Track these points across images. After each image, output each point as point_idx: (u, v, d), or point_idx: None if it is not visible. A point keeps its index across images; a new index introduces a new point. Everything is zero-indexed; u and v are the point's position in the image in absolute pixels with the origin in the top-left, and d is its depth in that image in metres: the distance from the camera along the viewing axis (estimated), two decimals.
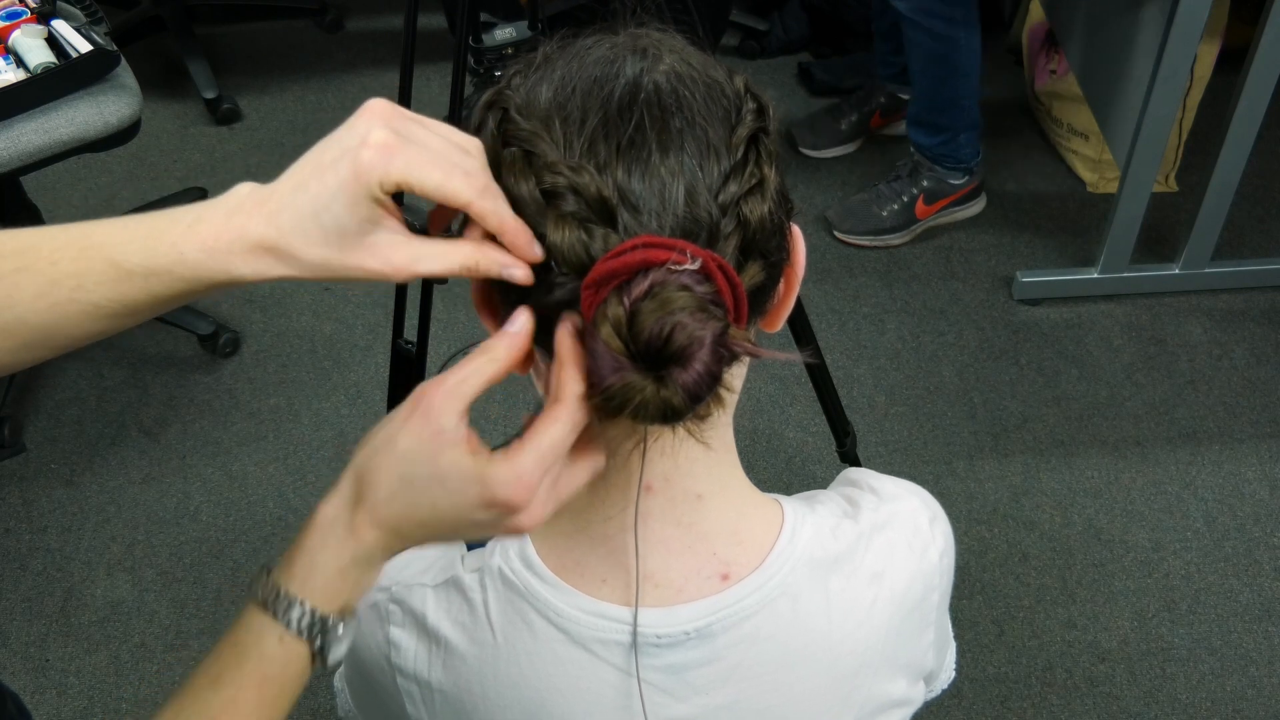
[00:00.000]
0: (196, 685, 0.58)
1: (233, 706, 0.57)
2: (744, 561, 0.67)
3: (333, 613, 0.58)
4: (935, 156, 2.26)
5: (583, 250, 0.56)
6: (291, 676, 0.58)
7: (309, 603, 0.58)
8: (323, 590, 0.58)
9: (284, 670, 0.58)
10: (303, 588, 0.58)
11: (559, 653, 0.67)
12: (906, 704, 0.76)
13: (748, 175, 0.59)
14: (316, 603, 0.58)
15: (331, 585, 0.58)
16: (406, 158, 0.53)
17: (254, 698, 0.57)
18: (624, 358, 0.54)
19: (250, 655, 0.57)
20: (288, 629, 0.57)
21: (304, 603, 0.57)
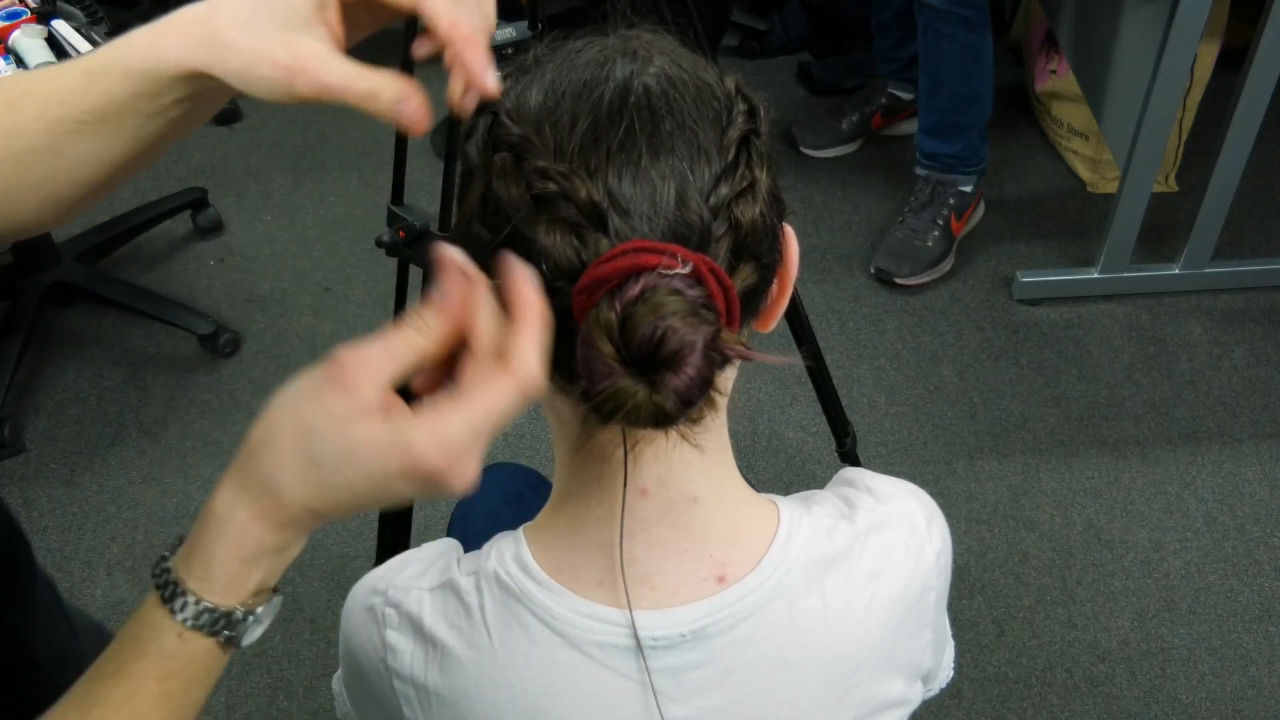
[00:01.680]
0: (103, 672, 0.55)
1: (132, 700, 0.54)
2: (740, 563, 0.67)
3: (239, 604, 0.55)
4: (951, 165, 2.25)
5: (574, 255, 0.56)
6: (201, 669, 0.56)
7: (206, 599, 0.54)
8: (224, 586, 0.54)
9: (188, 665, 0.55)
10: (200, 584, 0.54)
11: (555, 656, 0.67)
12: (904, 704, 0.76)
13: (739, 177, 0.59)
14: (217, 599, 0.54)
15: (234, 578, 0.54)
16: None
17: (155, 692, 0.54)
18: (616, 362, 0.54)
19: (149, 651, 0.54)
20: (186, 627, 0.54)
21: (199, 600, 0.54)
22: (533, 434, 2.00)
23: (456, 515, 1.27)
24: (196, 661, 0.55)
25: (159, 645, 0.54)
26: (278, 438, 0.52)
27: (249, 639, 0.56)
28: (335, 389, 0.50)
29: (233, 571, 0.54)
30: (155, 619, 0.54)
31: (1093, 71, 2.21)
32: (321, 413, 0.50)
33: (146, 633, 0.54)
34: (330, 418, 0.50)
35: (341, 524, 1.86)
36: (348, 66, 0.53)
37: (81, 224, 2.35)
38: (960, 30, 2.08)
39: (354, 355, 0.51)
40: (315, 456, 0.51)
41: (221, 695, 1.66)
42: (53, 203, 0.60)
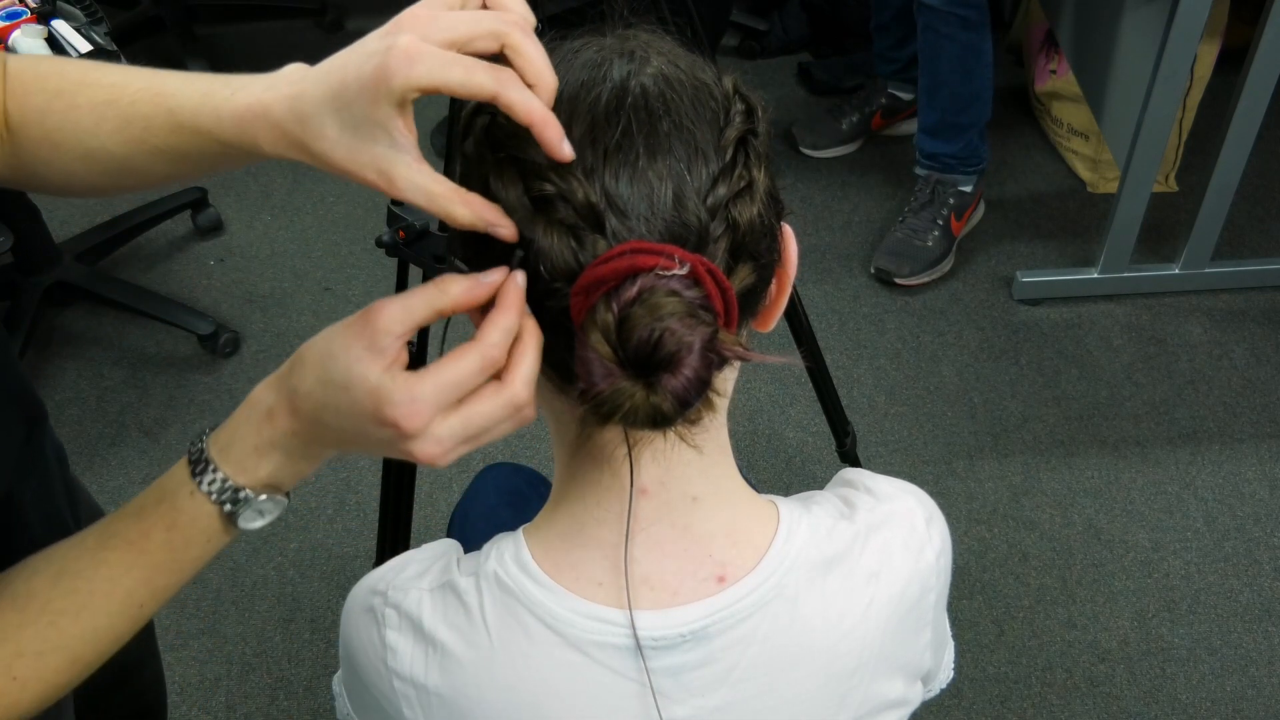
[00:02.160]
0: (128, 510, 0.63)
1: (143, 539, 0.62)
2: (740, 563, 0.67)
3: (247, 485, 0.61)
4: (951, 165, 2.25)
5: (572, 257, 0.56)
6: (200, 531, 0.62)
7: (221, 471, 0.61)
8: (237, 463, 0.61)
9: (192, 523, 0.62)
10: (220, 455, 0.61)
11: (555, 656, 0.66)
12: (904, 704, 0.76)
13: (736, 178, 0.59)
14: (229, 472, 0.61)
15: (246, 460, 0.61)
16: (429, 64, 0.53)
17: (162, 538, 0.62)
18: (613, 364, 0.54)
19: (166, 500, 0.62)
20: (198, 487, 0.61)
21: (216, 470, 0.61)
22: (533, 434, 2.00)
23: (456, 515, 1.27)
24: (198, 523, 0.62)
25: (174, 498, 0.62)
26: (310, 354, 0.58)
27: (246, 523, 0.63)
28: (360, 325, 0.56)
29: (246, 453, 0.61)
30: (178, 476, 0.62)
31: (1093, 71, 2.21)
32: (342, 343, 0.56)
33: (168, 485, 0.62)
34: (346, 350, 0.56)
35: (342, 524, 1.86)
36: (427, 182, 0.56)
37: (81, 224, 2.35)
38: (960, 30, 2.08)
39: (384, 304, 0.56)
40: (325, 377, 0.57)
41: (221, 695, 1.66)
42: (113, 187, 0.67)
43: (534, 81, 0.55)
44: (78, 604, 0.63)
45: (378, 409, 0.55)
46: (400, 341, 0.56)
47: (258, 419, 0.60)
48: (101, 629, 0.64)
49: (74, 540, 0.64)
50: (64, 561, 0.64)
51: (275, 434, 0.60)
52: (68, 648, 0.63)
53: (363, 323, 0.56)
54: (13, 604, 0.63)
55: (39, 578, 0.64)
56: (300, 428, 0.59)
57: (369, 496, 1.90)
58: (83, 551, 0.64)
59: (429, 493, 1.90)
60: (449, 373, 0.55)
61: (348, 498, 1.90)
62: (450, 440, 0.56)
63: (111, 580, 0.63)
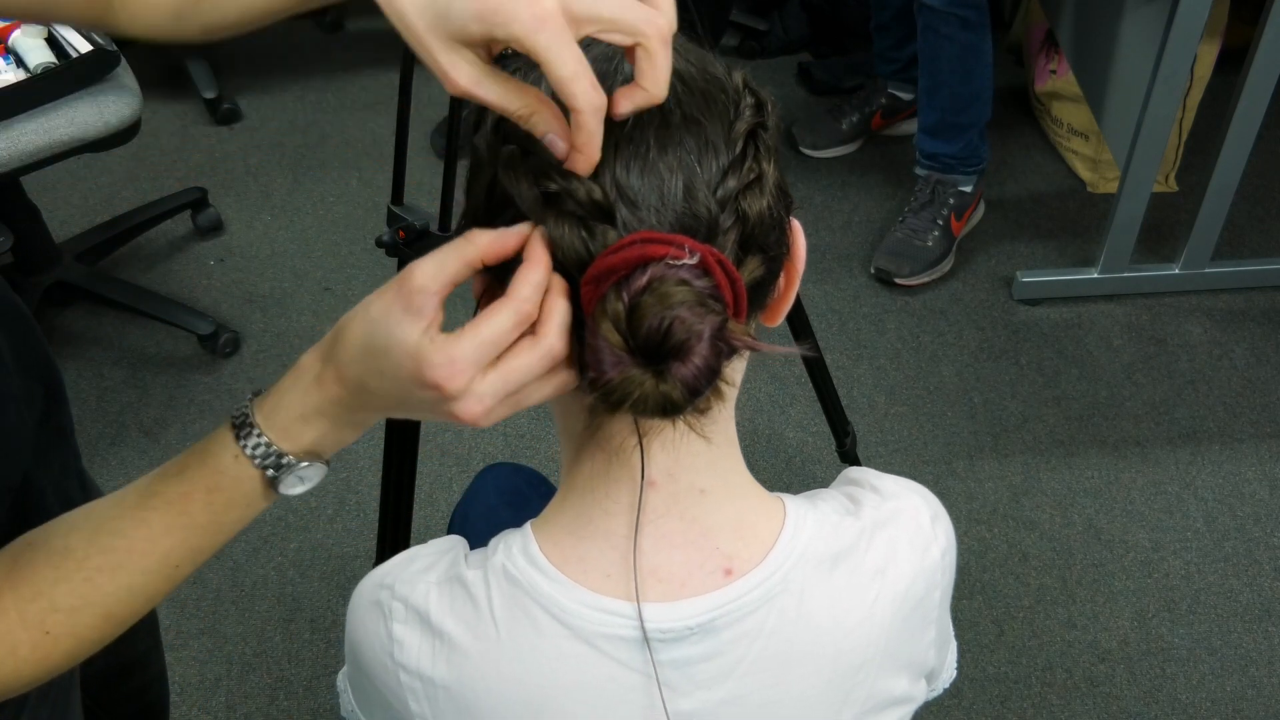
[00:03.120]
0: (169, 470, 0.64)
1: (184, 500, 0.63)
2: (747, 556, 0.68)
3: (290, 451, 0.62)
4: (951, 165, 2.25)
5: (582, 246, 0.56)
6: (242, 494, 0.63)
7: (266, 435, 0.62)
8: (282, 428, 0.62)
9: (234, 486, 0.63)
10: (265, 420, 0.62)
11: (563, 648, 0.67)
12: (908, 701, 0.76)
13: (746, 170, 0.59)
14: (274, 437, 0.62)
15: (292, 426, 0.62)
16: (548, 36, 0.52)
17: (203, 500, 0.63)
18: (623, 352, 0.54)
19: (209, 462, 0.63)
20: (243, 452, 0.62)
21: (261, 434, 0.62)
22: (533, 434, 2.00)
23: (456, 515, 1.27)
24: (241, 486, 0.63)
25: (217, 460, 0.63)
26: (351, 322, 0.59)
27: (288, 488, 0.63)
28: (395, 288, 0.57)
29: (292, 419, 0.62)
30: (222, 439, 0.63)
31: (1093, 71, 2.21)
32: (381, 309, 0.57)
33: (211, 448, 0.63)
34: (386, 315, 0.57)
35: (342, 524, 1.86)
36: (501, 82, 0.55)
37: (81, 224, 2.35)
38: (960, 30, 2.08)
39: (417, 264, 0.56)
40: (368, 342, 0.58)
41: (222, 695, 1.66)
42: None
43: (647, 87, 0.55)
44: (115, 561, 0.64)
45: (418, 371, 0.55)
46: (436, 299, 0.56)
47: (305, 385, 0.61)
48: (137, 587, 0.65)
49: (112, 499, 0.65)
50: (101, 520, 0.65)
51: (322, 401, 0.61)
52: (102, 604, 0.64)
53: (399, 285, 0.56)
54: (48, 560, 0.64)
55: (76, 534, 0.65)
56: (346, 395, 0.60)
57: (369, 496, 1.90)
58: (122, 510, 0.64)
59: (429, 493, 1.90)
60: (485, 330, 0.55)
61: (348, 498, 1.90)
62: (491, 397, 0.56)
63: (150, 540, 0.64)
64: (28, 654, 0.64)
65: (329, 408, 0.61)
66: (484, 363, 0.56)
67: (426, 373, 0.55)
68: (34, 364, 0.85)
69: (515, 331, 0.56)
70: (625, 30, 0.53)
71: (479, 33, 0.52)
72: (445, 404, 0.56)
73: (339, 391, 0.60)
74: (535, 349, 0.56)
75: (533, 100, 0.55)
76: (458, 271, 0.57)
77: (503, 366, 0.56)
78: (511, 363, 0.56)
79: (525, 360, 0.56)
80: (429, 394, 0.56)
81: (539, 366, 0.57)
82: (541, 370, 0.57)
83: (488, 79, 0.55)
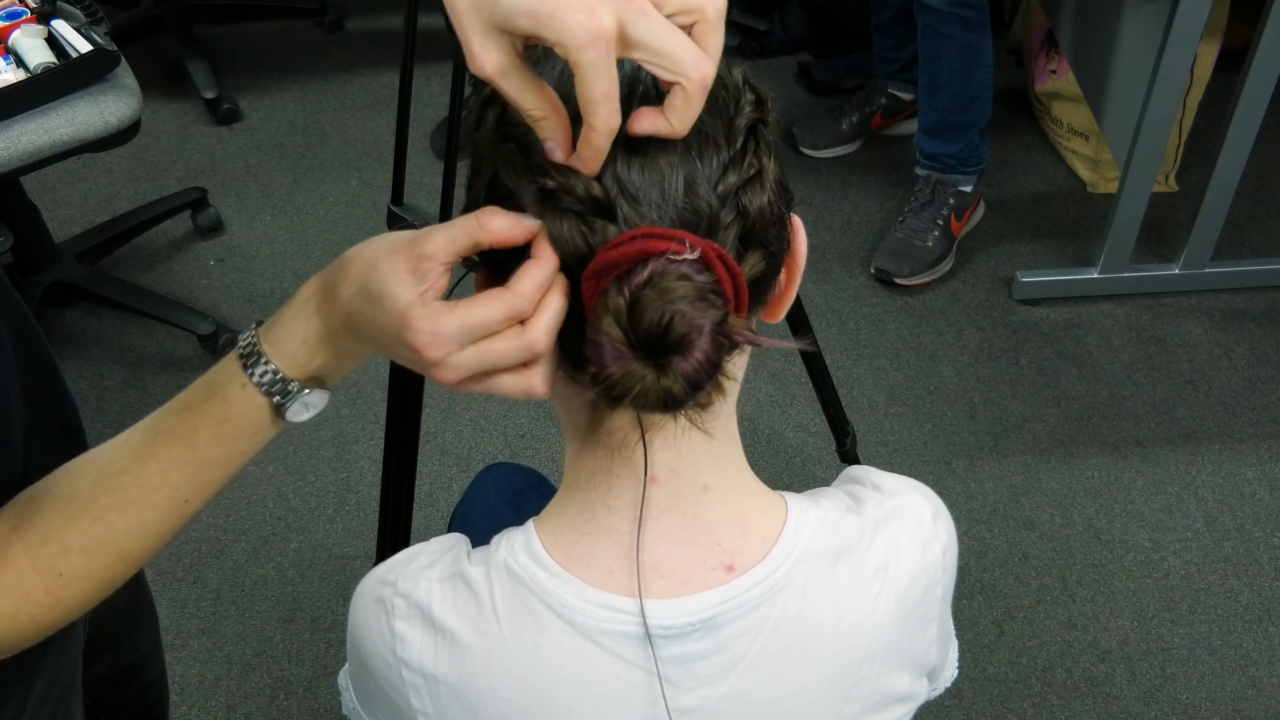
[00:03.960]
0: (173, 407, 0.65)
1: (192, 434, 0.64)
2: (749, 553, 0.68)
3: (295, 377, 0.63)
4: (951, 165, 2.25)
5: (582, 242, 0.56)
6: (250, 424, 0.64)
7: (272, 362, 0.63)
8: (288, 355, 0.63)
9: (243, 415, 0.64)
10: (271, 348, 0.63)
11: (565, 644, 0.67)
12: (910, 699, 0.76)
13: (746, 166, 0.59)
14: (280, 364, 0.63)
15: (296, 353, 0.63)
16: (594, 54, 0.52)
17: (213, 432, 0.64)
18: (625, 347, 0.54)
19: (217, 395, 0.64)
20: (250, 380, 0.63)
21: (268, 361, 0.63)
22: (533, 434, 2.00)
23: (456, 515, 1.27)
24: (249, 415, 0.64)
25: (225, 391, 0.64)
26: (356, 259, 0.60)
27: (294, 415, 0.65)
28: (406, 247, 0.58)
29: (296, 347, 0.63)
30: (229, 370, 0.64)
31: (1093, 71, 2.21)
32: (387, 260, 0.58)
33: (218, 379, 0.64)
34: (391, 268, 0.58)
35: (342, 524, 1.86)
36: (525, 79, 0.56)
37: (81, 224, 2.36)
38: (960, 30, 2.08)
39: (432, 231, 0.58)
40: (365, 285, 0.59)
41: (222, 695, 1.66)
42: None
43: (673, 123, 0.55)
44: (125, 499, 0.64)
45: (401, 331, 0.57)
46: (440, 268, 0.58)
47: (307, 313, 0.63)
48: (149, 524, 0.65)
49: (118, 440, 0.66)
50: (108, 461, 0.66)
51: (322, 329, 0.62)
52: (114, 542, 0.65)
53: (412, 246, 0.58)
54: (54, 505, 0.64)
55: (81, 479, 0.65)
56: (339, 326, 0.62)
57: (369, 496, 1.90)
58: (129, 449, 0.65)
59: (429, 493, 1.90)
60: (475, 314, 0.56)
61: (348, 498, 1.90)
62: (465, 370, 0.58)
63: (161, 474, 0.64)
64: (41, 598, 0.64)
65: (330, 336, 0.63)
66: (464, 343, 0.57)
67: (409, 336, 0.57)
68: (33, 356, 0.85)
69: (504, 324, 0.57)
70: (672, 68, 0.53)
71: (525, 28, 0.52)
72: (422, 366, 0.58)
73: (335, 321, 0.62)
74: (517, 338, 0.57)
75: (547, 105, 0.56)
76: (466, 249, 0.58)
77: (482, 344, 0.57)
78: (491, 344, 0.57)
79: (504, 346, 0.57)
80: (408, 353, 0.58)
81: (516, 356, 0.57)
82: (517, 360, 0.58)
83: (513, 72, 0.55)
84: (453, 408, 2.03)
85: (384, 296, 0.57)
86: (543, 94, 0.56)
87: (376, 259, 0.59)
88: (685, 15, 0.54)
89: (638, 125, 0.56)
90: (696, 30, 0.55)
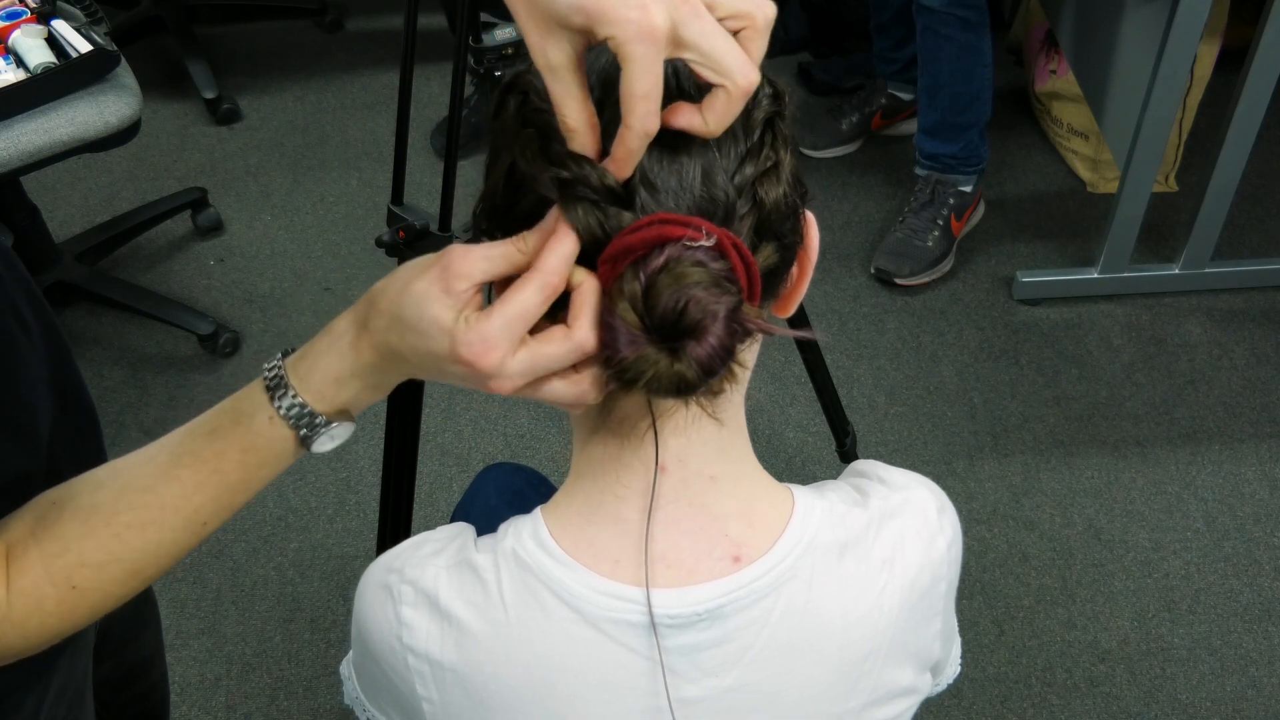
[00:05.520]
0: (199, 430, 0.66)
1: (218, 458, 0.65)
2: (756, 543, 0.68)
3: (323, 411, 0.64)
4: (951, 165, 2.25)
5: (599, 227, 0.57)
6: (275, 454, 0.65)
7: (301, 397, 0.63)
8: (317, 390, 0.63)
9: (269, 446, 0.65)
10: (300, 382, 0.63)
11: (571, 632, 0.67)
12: (913, 693, 0.76)
13: (763, 158, 0.60)
14: (309, 398, 0.63)
15: (327, 388, 0.63)
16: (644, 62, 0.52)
17: (237, 459, 0.65)
18: (639, 331, 0.55)
19: (243, 423, 0.64)
20: (278, 413, 0.63)
21: (297, 395, 0.63)
22: (533, 434, 2.00)
23: (456, 515, 1.27)
24: (274, 446, 0.65)
25: (252, 421, 0.64)
26: (385, 290, 0.61)
27: (319, 446, 0.65)
28: (439, 270, 0.58)
29: (327, 382, 0.63)
30: (256, 400, 0.64)
31: (1093, 71, 2.21)
32: (420, 284, 0.58)
33: (245, 408, 0.65)
34: (425, 290, 0.58)
35: (342, 524, 1.86)
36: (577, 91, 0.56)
37: (81, 224, 2.36)
38: (959, 31, 2.08)
39: (464, 250, 0.58)
40: (401, 314, 0.59)
41: (222, 695, 1.66)
42: None
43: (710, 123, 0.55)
44: (145, 518, 0.65)
45: (453, 350, 0.57)
46: (475, 289, 0.58)
47: (341, 350, 0.63)
48: (166, 544, 0.66)
49: (140, 456, 0.66)
50: (130, 477, 0.66)
51: (358, 365, 0.63)
52: (130, 560, 0.65)
53: (442, 268, 0.58)
54: (75, 516, 0.64)
55: (103, 491, 0.65)
56: (380, 361, 0.62)
57: (369, 496, 1.90)
58: (152, 468, 0.66)
59: (429, 492, 1.90)
60: (513, 306, 0.57)
61: (348, 498, 1.90)
62: (521, 377, 0.58)
63: (183, 496, 0.65)
64: (54, 608, 0.64)
65: (363, 371, 0.63)
66: (515, 337, 0.57)
67: (462, 350, 0.57)
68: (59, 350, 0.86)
69: (542, 305, 0.57)
70: (720, 71, 0.54)
71: (579, 24, 0.53)
72: (477, 380, 0.59)
73: (373, 357, 0.62)
74: (566, 340, 0.57)
75: (585, 120, 0.56)
76: (502, 272, 0.58)
77: (534, 348, 0.57)
78: (543, 348, 0.58)
79: (555, 349, 0.57)
80: (461, 369, 0.58)
81: (568, 358, 0.58)
82: (567, 360, 0.58)
83: (565, 74, 0.55)
84: (453, 408, 2.03)
85: (423, 321, 0.58)
86: (584, 107, 0.56)
87: (408, 285, 0.59)
88: (736, 20, 0.55)
89: (675, 119, 0.56)
90: (744, 35, 0.55)
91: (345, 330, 0.63)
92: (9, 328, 0.73)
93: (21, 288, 0.78)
